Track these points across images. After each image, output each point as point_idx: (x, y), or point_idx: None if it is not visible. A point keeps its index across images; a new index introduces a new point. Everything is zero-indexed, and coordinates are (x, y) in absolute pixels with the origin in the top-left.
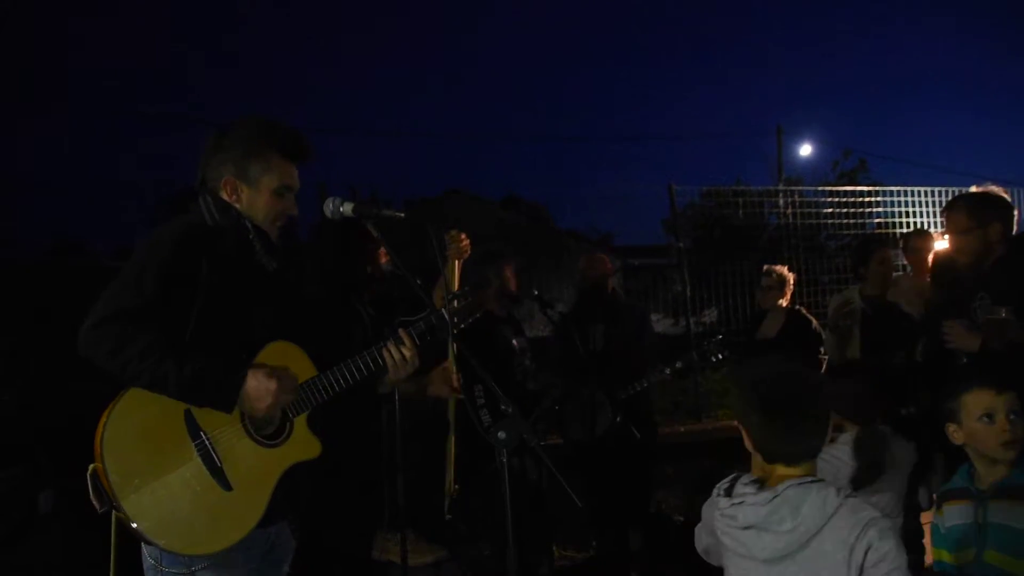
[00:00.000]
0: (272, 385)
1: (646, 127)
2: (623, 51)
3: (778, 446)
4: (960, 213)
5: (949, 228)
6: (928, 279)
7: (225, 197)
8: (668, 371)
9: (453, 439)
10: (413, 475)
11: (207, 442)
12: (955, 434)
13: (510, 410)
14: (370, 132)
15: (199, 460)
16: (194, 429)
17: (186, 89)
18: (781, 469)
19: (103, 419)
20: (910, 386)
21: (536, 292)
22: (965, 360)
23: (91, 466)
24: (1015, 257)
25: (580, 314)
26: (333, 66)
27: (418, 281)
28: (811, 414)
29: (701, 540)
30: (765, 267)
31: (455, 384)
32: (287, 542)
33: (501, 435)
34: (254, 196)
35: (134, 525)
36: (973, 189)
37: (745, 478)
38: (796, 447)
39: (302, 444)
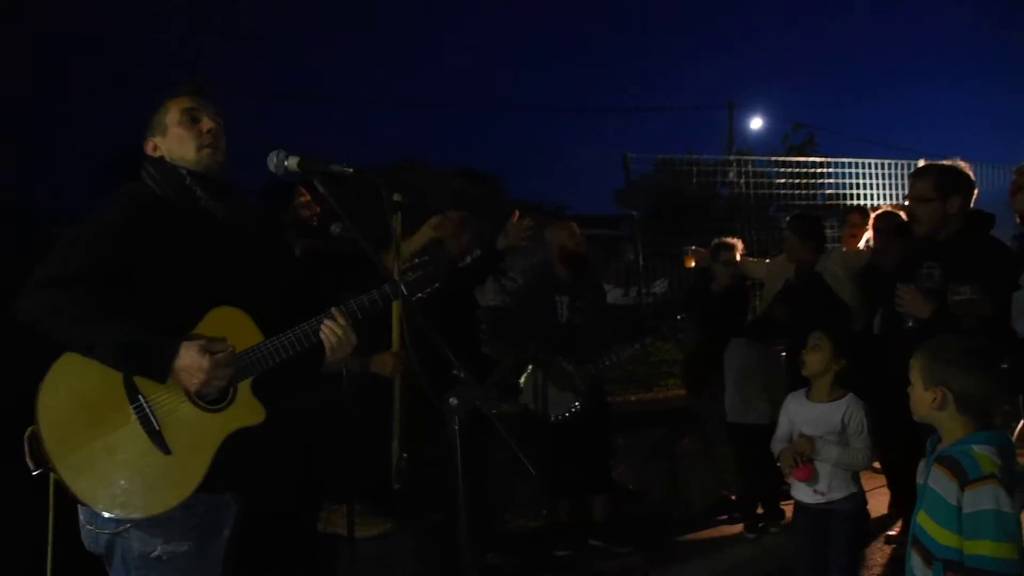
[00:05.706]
0: (205, 363)
1: (599, 98)
2: (576, 22)
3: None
4: (925, 182)
5: (911, 195)
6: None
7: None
8: (638, 346)
9: (399, 407)
10: (359, 446)
11: (145, 406)
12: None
13: (463, 375)
14: (321, 99)
15: (137, 424)
16: (132, 393)
17: (125, 50)
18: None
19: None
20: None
21: None
22: (911, 324)
23: (29, 429)
24: (969, 232)
25: (547, 284)
26: (284, 32)
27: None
28: None
29: None
30: (721, 241)
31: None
32: (228, 507)
33: (453, 401)
34: (169, 139)
35: (69, 488)
36: (942, 162)
37: None
38: None
39: (246, 409)
